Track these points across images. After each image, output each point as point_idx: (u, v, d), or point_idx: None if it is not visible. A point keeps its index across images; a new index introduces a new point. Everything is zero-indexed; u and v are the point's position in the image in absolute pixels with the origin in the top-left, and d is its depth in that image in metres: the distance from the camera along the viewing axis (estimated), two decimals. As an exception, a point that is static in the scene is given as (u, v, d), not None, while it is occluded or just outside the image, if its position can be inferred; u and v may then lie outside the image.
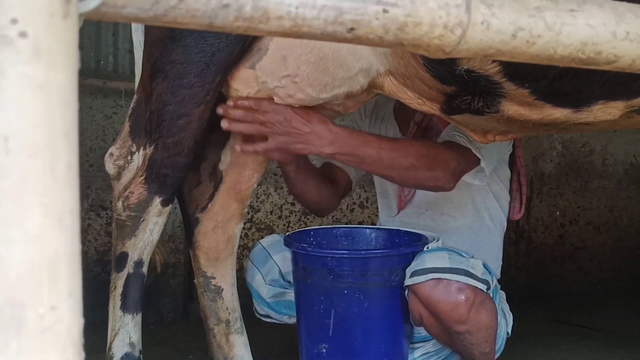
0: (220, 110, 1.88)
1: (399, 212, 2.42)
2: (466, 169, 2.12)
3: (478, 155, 2.10)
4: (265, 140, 1.89)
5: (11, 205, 0.50)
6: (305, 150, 1.94)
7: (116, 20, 0.66)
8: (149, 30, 1.83)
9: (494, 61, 1.54)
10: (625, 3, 0.90)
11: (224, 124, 1.89)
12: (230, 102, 1.88)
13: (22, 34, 0.50)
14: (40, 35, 0.51)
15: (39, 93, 0.51)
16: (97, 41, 3.48)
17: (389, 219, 2.46)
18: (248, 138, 1.95)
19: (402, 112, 2.44)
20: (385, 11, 0.74)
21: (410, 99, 1.81)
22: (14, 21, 0.49)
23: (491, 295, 2.07)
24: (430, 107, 1.80)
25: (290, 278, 2.18)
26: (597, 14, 0.86)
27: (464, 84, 1.64)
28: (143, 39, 1.90)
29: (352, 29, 0.74)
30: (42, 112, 0.51)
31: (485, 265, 2.08)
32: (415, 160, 1.98)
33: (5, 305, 0.50)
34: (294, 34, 0.73)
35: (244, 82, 1.84)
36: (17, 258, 0.50)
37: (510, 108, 1.66)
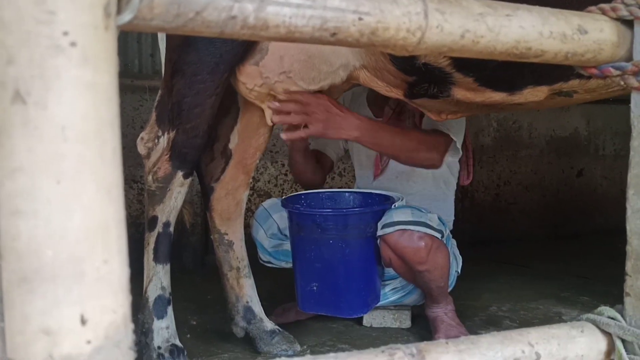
0: (271, 106, 1.83)
1: (374, 178, 2.43)
2: (448, 149, 2.18)
3: (454, 138, 2.17)
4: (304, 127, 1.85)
5: (69, 182, 0.50)
6: (336, 134, 1.88)
7: (145, 31, 0.65)
8: (169, 39, 1.81)
9: (445, 56, 1.53)
10: (549, 8, 0.90)
11: (275, 119, 1.85)
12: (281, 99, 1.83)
13: (73, 44, 0.49)
14: (87, 45, 0.50)
15: (87, 92, 0.50)
16: (124, 47, 3.43)
17: (367, 184, 2.47)
18: (290, 128, 1.90)
19: (374, 101, 2.45)
20: (360, 19, 0.74)
21: (380, 87, 1.80)
22: (66, 33, 0.49)
23: (445, 242, 2.09)
24: (396, 93, 1.79)
25: (287, 232, 2.19)
26: (527, 18, 0.85)
27: (422, 74, 1.63)
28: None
29: (334, 33, 0.74)
30: (91, 107, 0.51)
31: (440, 219, 2.09)
32: (417, 144, 2.05)
33: (68, 262, 0.50)
34: (289, 38, 0.73)
35: (250, 76, 1.82)
36: (75, 224, 0.50)
37: (459, 93, 1.66)
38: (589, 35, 0.89)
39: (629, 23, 0.92)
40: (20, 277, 0.49)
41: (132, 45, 3.45)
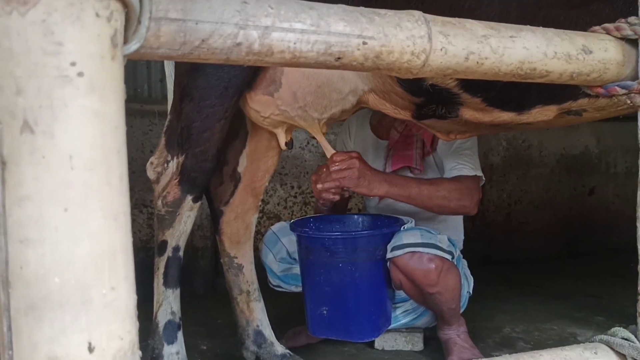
0: (313, 178, 2.01)
1: (380, 200, 2.42)
2: (480, 190, 2.17)
3: (480, 174, 2.17)
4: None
5: (77, 210, 0.50)
6: (366, 189, 1.97)
7: (152, 59, 0.66)
8: (177, 64, 1.83)
9: (452, 77, 1.53)
10: (553, 29, 0.90)
11: (319, 186, 1.98)
12: (321, 169, 2.00)
13: (80, 74, 0.50)
14: (94, 74, 0.51)
15: (94, 120, 0.51)
16: (134, 72, 3.48)
17: (373, 205, 2.46)
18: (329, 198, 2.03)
19: (378, 125, 2.46)
20: (364, 43, 0.75)
21: (388, 109, 1.81)
22: (73, 64, 0.50)
23: (455, 263, 2.08)
24: (404, 115, 1.80)
25: (296, 256, 2.18)
26: (532, 39, 0.86)
27: (429, 96, 1.63)
28: (173, 70, 1.90)
29: (339, 58, 0.75)
30: (98, 135, 0.51)
31: (449, 239, 2.08)
32: (447, 193, 2.06)
33: (75, 289, 0.50)
34: (294, 64, 0.73)
35: (265, 105, 1.85)
36: (83, 251, 0.50)
37: (467, 113, 1.66)
38: (594, 55, 0.90)
39: (633, 42, 0.92)
40: (28, 305, 0.49)
41: (141, 71, 3.50)
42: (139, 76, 3.50)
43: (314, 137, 2.08)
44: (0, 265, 0.50)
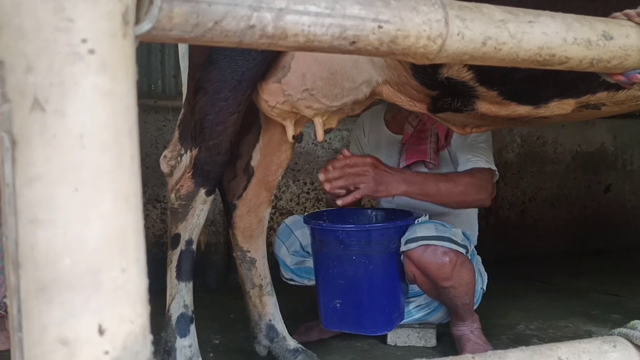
0: (322, 177, 1.95)
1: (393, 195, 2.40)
2: (494, 185, 2.16)
3: (494, 167, 2.16)
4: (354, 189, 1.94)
5: (87, 191, 0.49)
6: (385, 192, 1.96)
7: (164, 41, 0.65)
8: (191, 56, 1.82)
9: (468, 69, 1.51)
10: (572, 15, 0.88)
11: (327, 187, 1.94)
12: (329, 167, 1.95)
13: (91, 51, 0.49)
14: (105, 52, 0.50)
15: (106, 99, 0.50)
16: (148, 69, 3.49)
17: (388, 199, 2.44)
18: (339, 193, 1.97)
19: (393, 120, 2.44)
20: (380, 27, 0.73)
21: (403, 101, 1.79)
22: (84, 41, 0.48)
23: (469, 257, 2.06)
24: (419, 108, 1.77)
25: (309, 249, 2.17)
26: (551, 24, 0.84)
27: (445, 89, 1.61)
28: (187, 64, 1.90)
29: (353, 42, 0.73)
30: (109, 115, 0.50)
31: (464, 233, 2.06)
32: (464, 188, 2.04)
33: (85, 271, 0.49)
34: (307, 47, 0.72)
35: (273, 94, 1.83)
36: (93, 232, 0.49)
37: (483, 107, 1.63)
38: (615, 41, 0.87)
39: (656, 28, 0.90)
40: (38, 287, 0.49)
41: (155, 67, 3.50)
42: (153, 72, 3.51)
43: (327, 133, 2.06)
44: (11, 246, 0.49)
